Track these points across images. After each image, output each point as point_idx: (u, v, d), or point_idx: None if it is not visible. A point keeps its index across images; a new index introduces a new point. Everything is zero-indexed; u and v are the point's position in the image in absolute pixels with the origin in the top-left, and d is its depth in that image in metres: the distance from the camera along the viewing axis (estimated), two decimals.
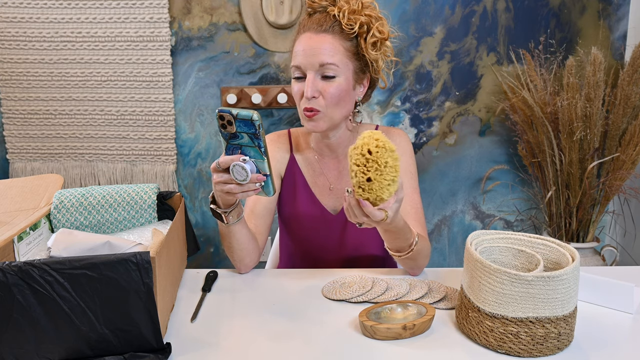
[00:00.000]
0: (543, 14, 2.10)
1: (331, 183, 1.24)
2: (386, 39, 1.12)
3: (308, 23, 1.11)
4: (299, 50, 1.10)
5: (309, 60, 1.08)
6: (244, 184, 0.91)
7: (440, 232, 2.31)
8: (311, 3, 1.12)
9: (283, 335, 0.89)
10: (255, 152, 0.88)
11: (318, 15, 1.12)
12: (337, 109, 1.11)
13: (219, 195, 0.97)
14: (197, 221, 2.29)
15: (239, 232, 1.07)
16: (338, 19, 1.09)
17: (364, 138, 0.86)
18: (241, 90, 2.16)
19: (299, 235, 1.26)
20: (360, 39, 1.11)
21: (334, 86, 1.09)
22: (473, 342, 0.86)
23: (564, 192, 2.00)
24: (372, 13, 1.11)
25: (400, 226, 0.98)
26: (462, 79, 2.17)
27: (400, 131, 1.24)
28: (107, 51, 2.12)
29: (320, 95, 1.09)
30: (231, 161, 0.89)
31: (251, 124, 0.85)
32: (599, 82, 1.87)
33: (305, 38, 1.10)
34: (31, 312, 0.76)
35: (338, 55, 1.09)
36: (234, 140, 0.89)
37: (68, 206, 1.07)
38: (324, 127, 1.12)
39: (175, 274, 1.02)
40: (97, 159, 2.23)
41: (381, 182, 0.85)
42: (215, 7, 2.12)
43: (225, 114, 0.85)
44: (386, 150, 0.85)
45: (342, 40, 1.10)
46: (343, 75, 1.10)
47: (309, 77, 1.09)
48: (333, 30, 1.09)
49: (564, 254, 0.88)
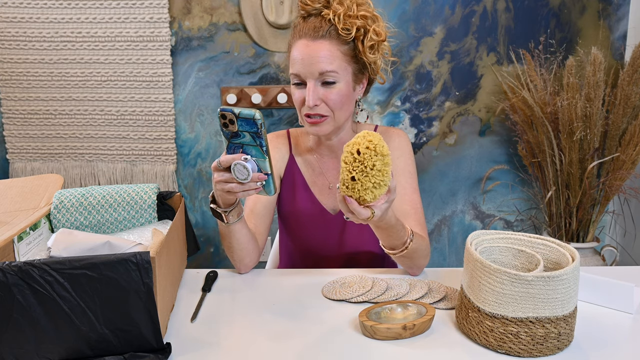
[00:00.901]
0: (543, 14, 2.10)
1: (330, 182, 1.24)
2: (383, 40, 1.12)
3: (304, 28, 1.10)
4: (297, 58, 1.09)
5: (308, 69, 1.08)
6: (245, 183, 0.91)
7: (440, 232, 2.31)
8: (304, 6, 1.10)
9: (283, 335, 0.89)
10: (257, 151, 0.88)
11: (313, 19, 1.10)
12: (341, 112, 1.12)
13: (219, 194, 0.97)
14: (197, 221, 2.29)
15: (238, 232, 1.07)
16: (334, 23, 1.08)
17: (358, 137, 0.85)
18: (241, 90, 2.16)
19: (298, 234, 1.26)
20: (357, 42, 1.10)
21: (335, 92, 1.09)
22: (473, 342, 0.86)
23: (564, 192, 2.00)
24: (367, 13, 1.10)
25: (392, 224, 0.97)
26: (462, 79, 2.17)
27: (399, 131, 1.24)
28: (107, 51, 2.12)
29: (323, 102, 1.09)
30: (232, 160, 0.89)
31: (253, 123, 0.85)
32: (599, 82, 1.87)
33: (302, 45, 1.09)
34: (31, 312, 0.76)
35: (337, 61, 1.08)
36: (236, 139, 0.89)
37: (68, 206, 1.07)
38: (328, 130, 1.13)
39: (175, 274, 1.02)
40: (97, 159, 2.23)
41: (364, 183, 0.84)
42: (215, 7, 2.12)
43: (227, 112, 0.85)
44: (376, 154, 0.83)
45: (339, 44, 1.09)
46: (343, 80, 1.10)
47: (310, 85, 1.08)
48: (330, 36, 1.08)
49: (564, 254, 0.88)
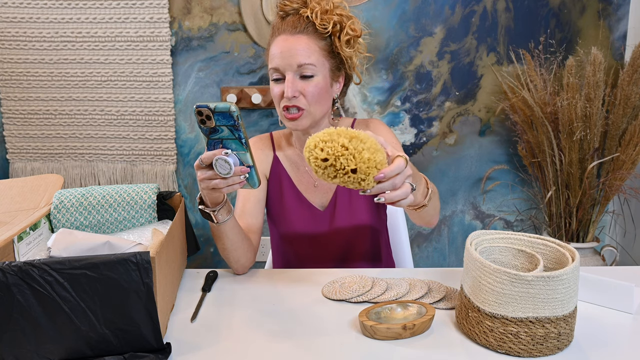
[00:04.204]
0: (543, 14, 2.10)
1: (315, 180, 1.26)
2: (359, 36, 1.17)
3: (282, 26, 1.15)
4: (276, 52, 1.13)
5: (287, 61, 1.12)
6: (229, 178, 0.91)
7: (440, 232, 2.31)
8: (283, 6, 1.15)
9: (283, 335, 0.89)
10: (237, 144, 0.89)
11: (291, 17, 1.15)
12: (317, 106, 1.15)
13: (205, 193, 0.98)
14: (197, 221, 2.29)
15: (230, 231, 1.07)
16: (311, 19, 1.13)
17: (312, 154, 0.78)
18: (241, 90, 2.16)
19: (289, 233, 1.26)
20: (334, 38, 1.15)
21: (312, 85, 1.13)
22: (473, 342, 0.86)
23: (564, 192, 2.00)
24: (343, 12, 1.15)
25: (415, 171, 0.92)
26: (462, 79, 2.17)
27: (376, 120, 1.29)
28: (107, 51, 2.12)
29: (301, 94, 1.13)
30: (214, 156, 0.90)
31: (230, 116, 0.85)
32: (599, 82, 1.87)
33: (281, 40, 1.13)
34: (31, 312, 0.76)
35: (314, 55, 1.13)
36: (215, 135, 0.89)
37: (68, 206, 1.07)
38: (306, 124, 1.16)
39: (175, 274, 1.02)
40: (97, 159, 2.23)
41: (361, 167, 0.77)
42: (215, 7, 2.12)
43: (203, 108, 0.85)
44: (316, 160, 0.78)
45: (317, 40, 1.14)
46: (321, 74, 1.14)
47: (288, 77, 1.12)
48: (307, 31, 1.13)
49: (564, 254, 0.88)
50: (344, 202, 1.23)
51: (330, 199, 1.24)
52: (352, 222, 1.23)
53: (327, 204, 1.25)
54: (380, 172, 0.78)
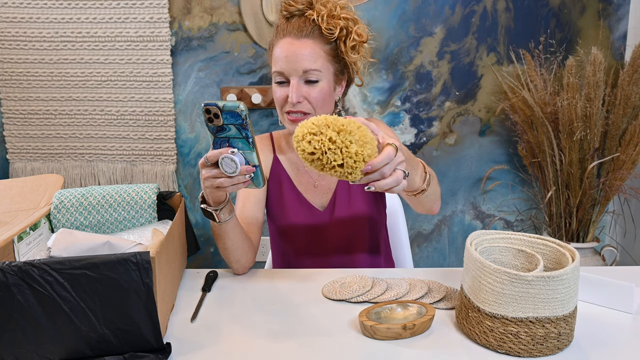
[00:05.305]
0: (543, 14, 2.10)
1: (315, 180, 1.26)
2: (365, 41, 1.16)
3: (287, 27, 1.13)
4: (281, 55, 1.12)
5: (292, 66, 1.11)
6: (234, 177, 0.90)
7: (440, 232, 2.31)
8: (287, 6, 1.13)
9: (283, 335, 0.89)
10: (244, 143, 0.88)
11: (297, 19, 1.13)
12: (321, 111, 1.15)
13: (209, 192, 0.97)
14: (197, 221, 2.29)
15: (231, 231, 1.07)
16: (317, 23, 1.11)
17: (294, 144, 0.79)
18: (241, 90, 2.16)
19: (289, 234, 1.26)
20: (339, 42, 1.14)
21: (317, 90, 1.12)
22: (473, 342, 0.86)
23: (564, 192, 2.00)
24: (349, 15, 1.14)
25: (413, 165, 0.94)
26: (462, 79, 2.17)
27: (376, 120, 1.29)
28: (107, 51, 2.12)
29: (305, 99, 1.12)
30: (220, 154, 0.89)
31: (238, 115, 0.85)
32: (599, 82, 1.87)
33: (286, 43, 1.12)
34: (31, 312, 0.76)
35: (320, 60, 1.12)
36: (221, 134, 0.88)
37: (68, 206, 1.07)
38: None
39: (175, 274, 1.02)
40: (97, 159, 2.23)
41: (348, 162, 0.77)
42: (215, 7, 2.12)
43: (212, 107, 0.85)
44: (304, 152, 0.78)
45: (322, 44, 1.12)
46: (325, 79, 1.13)
47: (293, 82, 1.11)
48: (313, 35, 1.12)
49: (564, 254, 0.88)
50: (344, 202, 1.23)
51: (330, 199, 1.24)
52: (351, 220, 1.23)
53: (327, 204, 1.25)
54: (368, 164, 0.78)
